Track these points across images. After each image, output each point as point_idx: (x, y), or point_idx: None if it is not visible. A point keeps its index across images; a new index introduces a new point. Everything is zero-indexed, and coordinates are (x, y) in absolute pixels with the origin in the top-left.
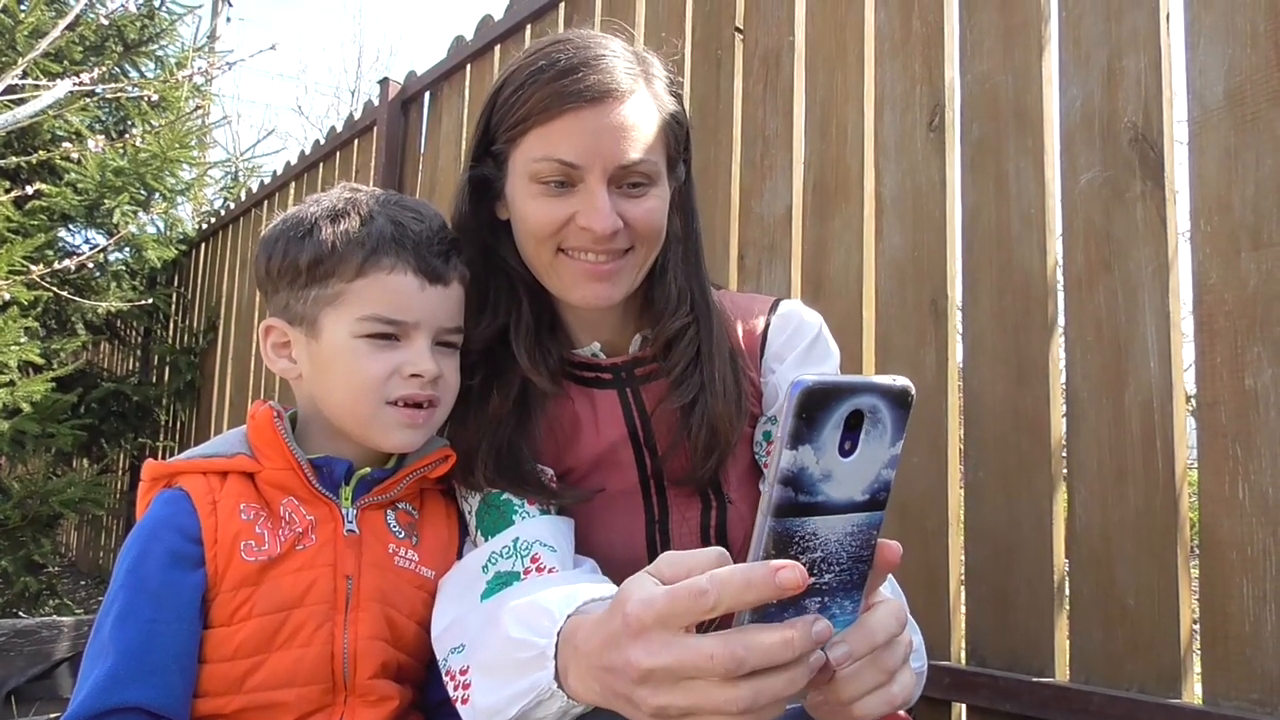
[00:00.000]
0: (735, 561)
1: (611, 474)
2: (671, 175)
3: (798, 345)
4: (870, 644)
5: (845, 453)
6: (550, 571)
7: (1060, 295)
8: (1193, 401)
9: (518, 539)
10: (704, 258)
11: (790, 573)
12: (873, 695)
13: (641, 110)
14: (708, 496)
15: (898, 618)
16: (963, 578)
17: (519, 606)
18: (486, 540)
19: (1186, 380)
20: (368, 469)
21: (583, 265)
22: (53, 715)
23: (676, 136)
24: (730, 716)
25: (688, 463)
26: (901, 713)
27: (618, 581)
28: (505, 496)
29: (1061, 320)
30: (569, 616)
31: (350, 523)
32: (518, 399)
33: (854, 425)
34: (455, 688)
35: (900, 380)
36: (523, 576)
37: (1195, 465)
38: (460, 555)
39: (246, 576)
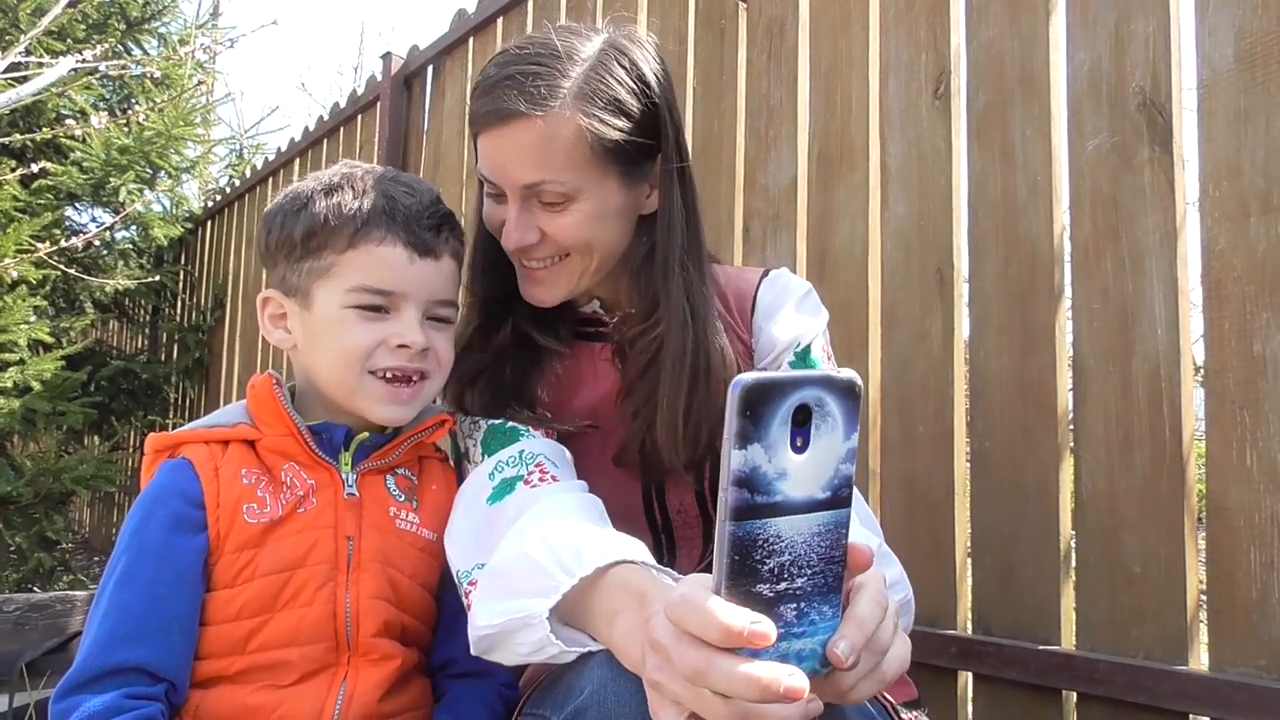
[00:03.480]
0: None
1: (606, 423)
2: (626, 185)
3: (787, 301)
4: (865, 635)
5: (798, 449)
6: (553, 479)
7: (1067, 263)
8: (1200, 370)
9: (523, 451)
10: (691, 254)
11: (761, 629)
12: (866, 680)
13: (548, 130)
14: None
15: (880, 602)
16: (969, 547)
17: (550, 534)
18: (494, 455)
19: (1194, 348)
20: (366, 434)
21: (523, 269)
22: None
23: (605, 146)
24: None
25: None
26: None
27: None
28: (511, 424)
29: (1068, 289)
30: (610, 565)
31: (350, 486)
32: (525, 348)
33: (802, 421)
34: (468, 596)
35: (845, 372)
36: (527, 478)
37: (1203, 433)
38: None
39: (249, 539)
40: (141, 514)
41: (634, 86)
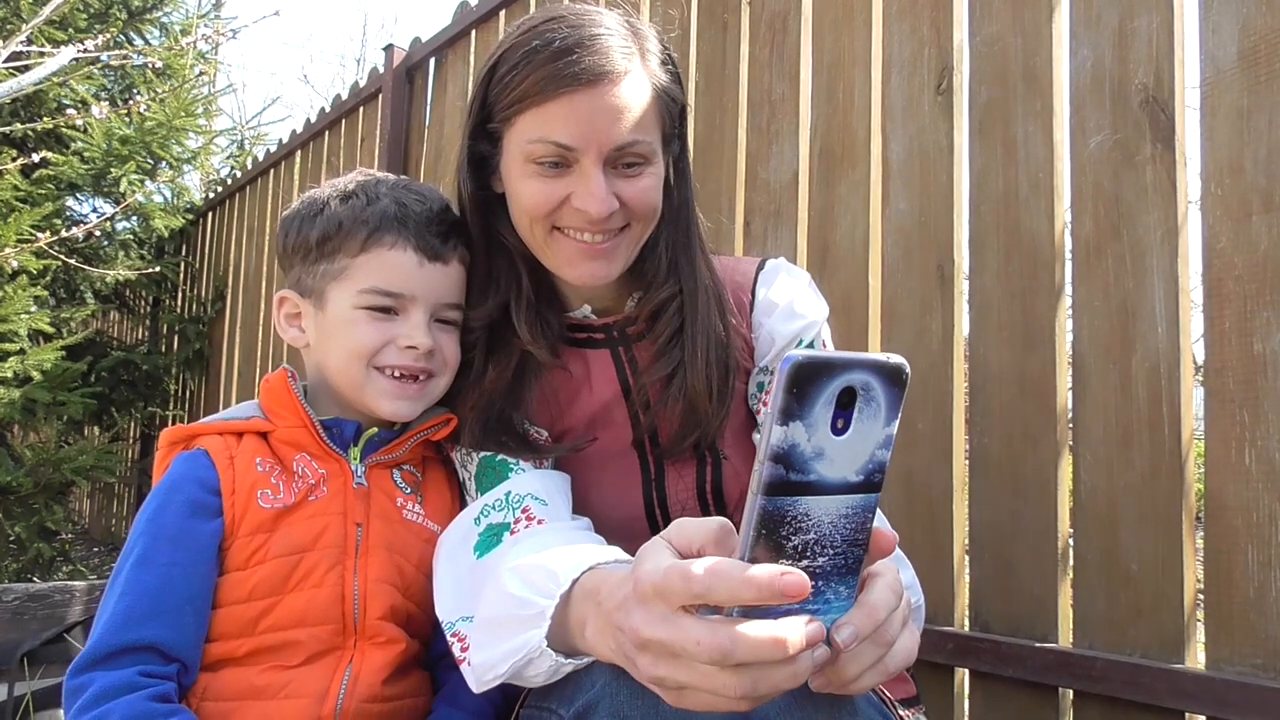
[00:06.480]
0: (734, 523)
1: (606, 432)
2: (666, 150)
3: (786, 295)
4: (874, 622)
5: (838, 431)
6: (539, 522)
7: (1068, 261)
8: (1200, 368)
9: (510, 492)
10: (696, 230)
11: (794, 579)
12: (870, 671)
13: (636, 90)
14: (703, 454)
15: (895, 590)
16: (967, 544)
17: (523, 565)
18: (482, 496)
19: (1194, 347)
20: (375, 429)
21: (579, 245)
22: (63, 678)
23: (671, 112)
24: (726, 700)
25: (670, 432)
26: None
27: (618, 541)
28: (501, 457)
29: (1069, 286)
30: (583, 574)
31: (359, 477)
32: (516, 370)
33: (846, 403)
34: (461, 650)
35: (895, 358)
36: (513, 527)
37: (1202, 432)
38: None
39: (262, 523)
40: (158, 500)
41: (670, 56)
